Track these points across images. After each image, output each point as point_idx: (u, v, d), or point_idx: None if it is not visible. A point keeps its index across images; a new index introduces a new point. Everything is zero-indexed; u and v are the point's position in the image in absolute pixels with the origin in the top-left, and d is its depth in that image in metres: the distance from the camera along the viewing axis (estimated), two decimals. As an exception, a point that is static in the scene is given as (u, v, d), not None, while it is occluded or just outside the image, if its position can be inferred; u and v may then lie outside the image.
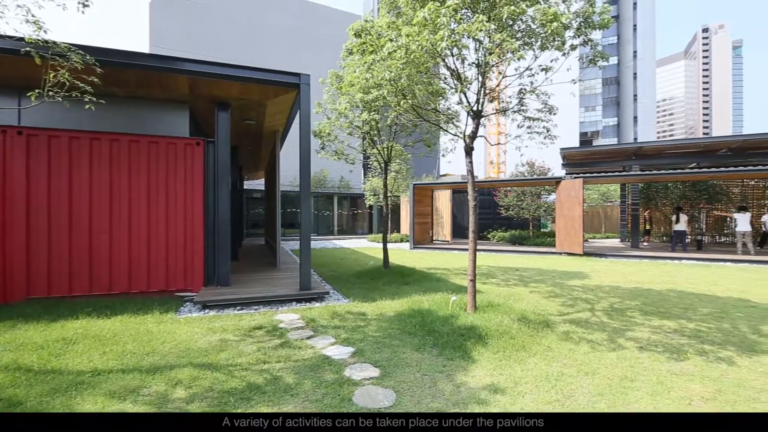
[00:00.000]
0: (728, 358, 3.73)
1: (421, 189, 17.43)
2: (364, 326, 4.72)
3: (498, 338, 4.06)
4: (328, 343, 4.13)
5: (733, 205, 15.40)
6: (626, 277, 8.53)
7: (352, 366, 3.49)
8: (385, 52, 4.40)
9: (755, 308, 5.71)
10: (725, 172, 13.19)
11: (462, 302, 5.19)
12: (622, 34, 62.17)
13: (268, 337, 4.31)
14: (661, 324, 4.87)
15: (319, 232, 24.24)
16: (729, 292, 6.86)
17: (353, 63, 5.94)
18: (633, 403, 2.83)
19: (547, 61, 4.81)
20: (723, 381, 3.21)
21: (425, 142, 8.64)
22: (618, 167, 16.44)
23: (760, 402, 2.85)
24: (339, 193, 25.50)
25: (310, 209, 6.42)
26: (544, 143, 5.77)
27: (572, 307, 5.80)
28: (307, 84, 6.25)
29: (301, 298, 6.09)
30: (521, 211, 18.24)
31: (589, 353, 3.84)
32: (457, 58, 4.79)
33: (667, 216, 16.58)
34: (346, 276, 8.63)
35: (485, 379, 3.22)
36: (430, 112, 5.81)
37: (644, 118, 62.08)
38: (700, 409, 2.74)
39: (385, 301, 6.01)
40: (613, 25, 52.90)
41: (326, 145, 8.71)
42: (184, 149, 6.34)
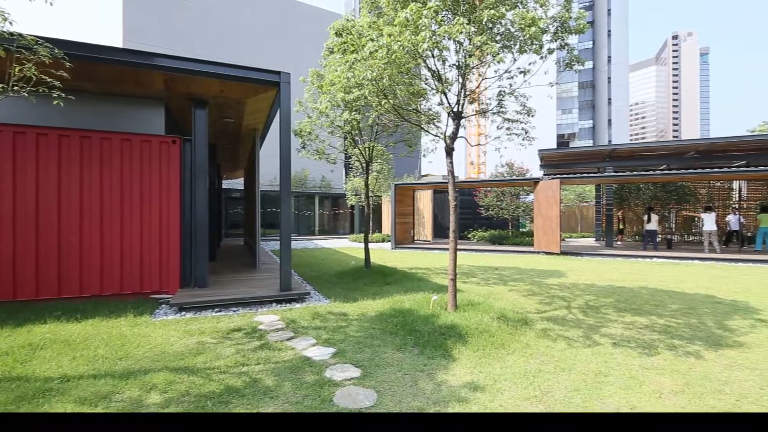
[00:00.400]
0: (696, 352, 3.89)
1: (402, 189, 17.50)
2: (345, 326, 4.70)
3: (478, 336, 4.11)
4: (309, 344, 4.09)
5: (700, 205, 16.08)
6: (601, 275, 8.79)
7: (333, 367, 3.47)
8: (366, 51, 4.39)
9: (720, 304, 5.97)
10: (693, 173, 13.78)
11: (443, 301, 5.23)
12: (597, 40, 64.03)
13: (247, 339, 4.24)
14: (633, 320, 5.04)
15: (300, 233, 24.01)
16: (696, 289, 7.16)
17: (334, 62, 5.91)
18: (607, 398, 2.92)
19: (526, 64, 4.90)
20: (691, 374, 3.35)
21: (406, 142, 8.68)
22: (593, 168, 16.94)
23: (725, 393, 2.99)
24: (320, 193, 25.32)
25: (290, 209, 6.35)
26: (522, 144, 5.88)
27: (550, 304, 5.93)
28: (288, 82, 6.18)
29: (281, 299, 6.02)
30: (501, 211, 18.55)
31: (565, 350, 3.94)
32: (438, 60, 4.83)
33: (639, 216, 17.16)
34: (327, 276, 8.58)
35: (465, 377, 3.26)
36: (412, 112, 5.84)
37: (618, 121, 64.14)
38: (670, 402, 2.85)
39: (367, 301, 6.00)
40: (589, 30, 54.26)
41: (307, 145, 8.63)
42: (160, 147, 6.16)
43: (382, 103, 5.15)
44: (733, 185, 16.25)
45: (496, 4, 4.25)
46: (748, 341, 4.21)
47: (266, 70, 6.16)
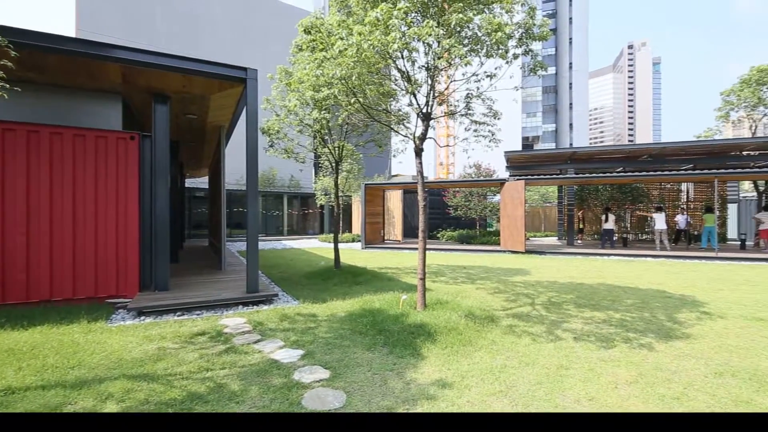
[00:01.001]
0: (648, 344, 4.13)
1: (372, 189, 17.51)
2: (314, 328, 4.65)
3: (446, 334, 4.17)
4: (277, 346, 4.01)
5: (652, 205, 17.10)
6: (562, 273, 9.16)
7: (302, 369, 3.42)
8: (335, 50, 4.36)
9: (670, 298, 6.37)
10: (646, 176, 14.64)
11: (412, 300, 5.27)
12: (560, 47, 66.74)
13: (211, 343, 4.10)
14: (592, 315, 5.29)
15: (268, 233, 23.50)
16: (649, 284, 7.60)
17: (303, 59, 5.82)
18: (568, 390, 3.04)
19: (492, 68, 5.03)
20: (644, 365, 3.55)
21: (376, 142, 8.69)
22: (555, 170, 17.65)
23: (674, 382, 3.19)
24: (289, 193, 24.90)
25: (257, 209, 6.20)
26: (489, 146, 6.03)
27: (515, 302, 6.12)
28: (255, 79, 6.03)
29: (248, 302, 5.86)
30: (469, 211, 18.95)
31: (529, 345, 4.07)
32: (407, 60, 4.87)
33: (598, 216, 18.03)
34: (296, 277, 8.44)
35: (434, 375, 3.30)
36: (381, 112, 5.85)
37: (578, 125, 67.14)
38: (625, 392, 3.01)
39: (336, 302, 5.96)
40: (552, 37, 56.49)
41: (275, 143, 8.46)
42: (117, 143, 5.85)
43: (352, 103, 5.12)
44: (681, 187, 17.41)
45: (464, 8, 4.33)
46: (695, 333, 4.52)
47: (232, 66, 5.99)
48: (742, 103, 16.01)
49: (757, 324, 4.87)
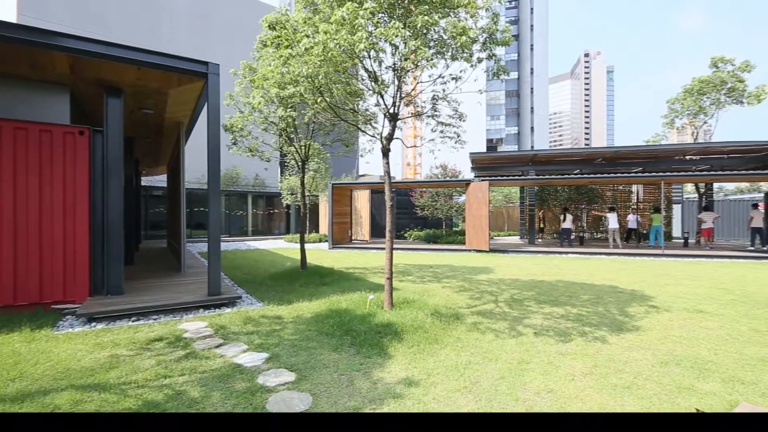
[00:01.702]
0: (602, 337, 4.36)
1: (339, 189, 17.40)
2: (279, 330, 4.55)
3: (413, 333, 4.21)
4: (240, 350, 3.89)
5: (606, 206, 18.09)
6: (524, 271, 9.49)
7: (266, 372, 3.34)
8: (301, 47, 4.29)
9: (622, 293, 6.76)
10: (600, 177, 15.45)
11: (379, 300, 5.28)
12: (522, 53, 69.15)
13: (169, 348, 3.92)
14: (551, 311, 5.52)
15: (231, 233, 22.79)
16: (603, 281, 8.03)
17: (268, 56, 5.68)
18: (528, 383, 3.15)
19: (458, 71, 5.14)
20: (598, 357, 3.74)
21: (344, 141, 8.64)
22: (518, 171, 18.27)
23: (625, 372, 3.38)
24: (253, 192, 24.24)
25: (219, 208, 5.99)
26: (455, 147, 6.15)
27: (479, 299, 6.27)
28: (217, 74, 5.82)
29: (209, 305, 5.65)
30: (435, 211, 19.24)
31: (493, 341, 4.19)
32: (374, 61, 4.87)
33: (557, 215, 18.85)
34: (260, 278, 8.24)
35: (401, 374, 3.32)
36: (349, 112, 5.82)
37: (539, 128, 69.88)
38: (581, 384, 3.16)
39: (303, 303, 5.87)
40: (514, 43, 58.06)
41: (238, 141, 8.21)
42: (64, 138, 5.46)
43: (318, 101, 5.06)
44: (632, 188, 18.53)
45: (429, 11, 4.39)
46: (643, 325, 4.82)
47: (192, 60, 5.75)
48: (685, 111, 17.26)
49: (697, 316, 5.27)
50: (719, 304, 5.90)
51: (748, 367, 3.51)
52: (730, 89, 15.89)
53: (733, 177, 14.91)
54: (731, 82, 15.78)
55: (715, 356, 3.77)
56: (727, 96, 16.07)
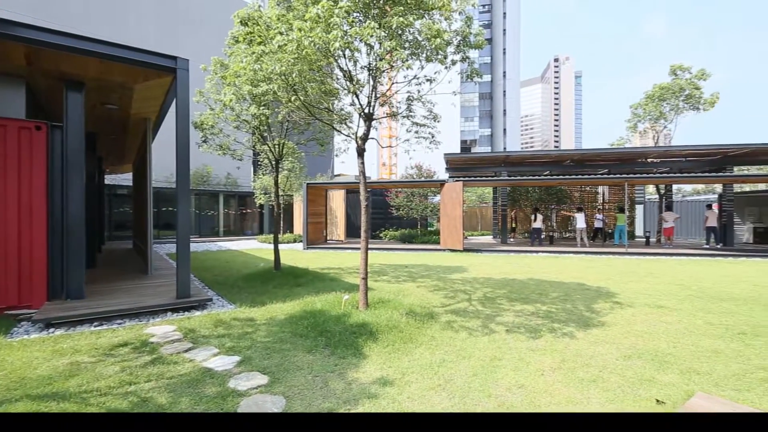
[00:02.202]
0: (570, 333, 4.51)
1: (314, 188, 17.23)
2: (252, 332, 4.46)
3: (388, 333, 4.22)
4: (210, 354, 3.79)
5: (574, 206, 18.75)
6: (497, 269, 9.70)
7: (238, 376, 3.26)
8: (275, 44, 4.22)
9: (589, 290, 7.02)
10: (569, 179, 16.00)
11: (354, 300, 5.27)
12: (495, 56, 70.68)
13: (135, 354, 3.76)
14: (522, 308, 5.66)
15: (202, 234, 22.13)
16: (571, 278, 8.31)
17: (240, 52, 5.54)
18: (500, 379, 3.22)
19: (432, 73, 5.19)
20: (566, 352, 3.87)
21: (318, 141, 8.55)
22: (491, 172, 18.66)
23: (591, 366, 3.51)
24: (225, 191, 23.62)
25: (188, 208, 5.80)
26: (429, 148, 6.20)
27: (453, 298, 6.36)
28: (186, 69, 5.64)
29: (178, 307, 5.47)
30: (411, 211, 19.37)
31: (466, 339, 4.25)
32: (349, 60, 4.84)
33: (528, 215, 19.37)
34: (232, 280, 8.04)
35: (376, 374, 3.32)
36: (323, 111, 5.77)
37: (511, 130, 71.62)
38: (550, 378, 3.26)
39: (276, 304, 5.77)
40: (487, 47, 59.28)
41: (209, 139, 7.98)
42: (19, 134, 5.15)
43: (293, 100, 4.99)
44: (598, 189, 19.29)
45: (405, 12, 4.41)
46: (608, 320, 5.02)
47: (160, 54, 5.54)
48: (647, 116, 18.10)
49: (658, 311, 5.54)
50: (677, 300, 6.23)
51: (703, 358, 3.72)
52: (687, 96, 16.80)
53: (691, 179, 15.79)
54: (689, 89, 16.69)
55: (674, 349, 3.98)
56: (685, 102, 16.99)
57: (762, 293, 6.71)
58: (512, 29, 70.92)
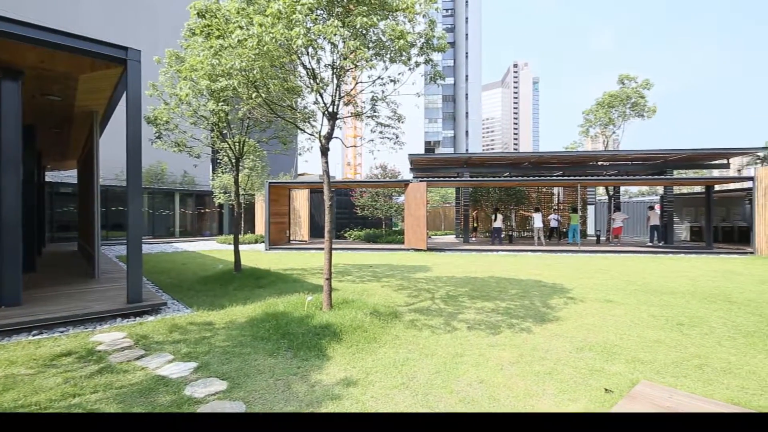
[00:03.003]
0: (528, 328, 4.70)
1: (277, 188, 16.85)
2: (210, 337, 4.29)
3: (352, 333, 4.20)
4: (165, 360, 3.60)
5: (532, 206, 19.55)
6: (459, 268, 9.93)
7: (195, 383, 3.12)
8: (234, 39, 4.08)
9: (545, 287, 7.35)
10: (527, 180, 16.66)
11: (318, 301, 5.20)
12: (457, 59, 72.31)
13: (80, 364, 3.51)
14: (483, 305, 5.83)
15: (156, 235, 21.02)
16: (529, 276, 8.66)
17: (197, 45, 5.31)
18: (461, 375, 3.30)
19: (396, 74, 5.23)
20: (524, 347, 4.03)
21: (281, 139, 8.36)
22: (454, 173, 19.07)
23: (547, 359, 3.68)
24: (182, 190, 22.57)
25: (140, 207, 5.50)
26: (394, 148, 6.25)
27: (417, 297, 6.44)
28: (138, 61, 5.33)
29: (129, 313, 5.16)
30: (375, 211, 19.40)
31: (429, 337, 4.32)
32: (313, 58, 4.78)
33: (489, 215, 19.98)
34: (189, 283, 7.70)
35: (339, 374, 3.30)
36: (286, 109, 5.65)
37: (473, 132, 73.57)
38: (509, 372, 3.37)
39: (236, 307, 5.59)
40: (450, 50, 60.49)
41: (164, 135, 7.59)
42: (-57, 125, 4.65)
43: (254, 96, 4.85)
44: (553, 191, 20.23)
45: (368, 12, 4.41)
46: (563, 315, 5.28)
47: (109, 44, 5.20)
48: (598, 121, 19.20)
49: (607, 305, 5.89)
50: (624, 294, 6.65)
51: (647, 348, 4.00)
52: (633, 104, 18.00)
53: (636, 181, 16.92)
54: (634, 97, 17.88)
55: (621, 340, 4.24)
56: (631, 110, 18.19)
57: (697, 287, 7.31)
58: (474, 34, 72.87)
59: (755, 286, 7.41)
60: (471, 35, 72.18)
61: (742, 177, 15.05)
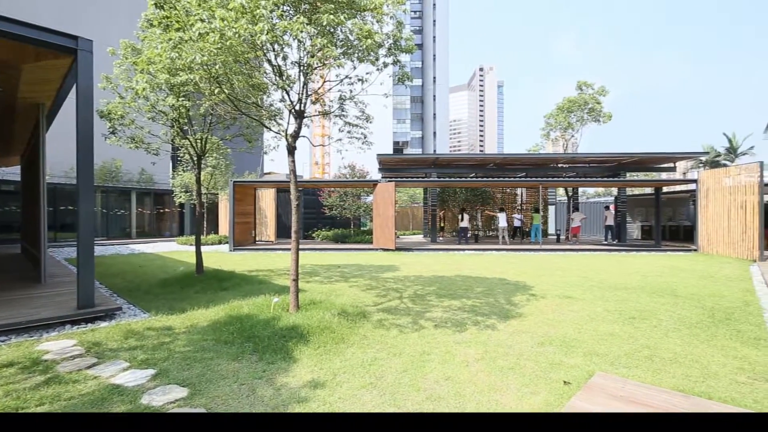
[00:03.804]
0: (492, 324, 4.83)
1: (242, 187, 16.39)
2: (169, 342, 4.10)
3: (319, 334, 4.16)
4: (119, 368, 3.41)
5: (497, 206, 20.12)
6: (427, 267, 10.06)
7: (153, 391, 2.98)
8: (195, 32, 3.92)
9: (509, 284, 7.58)
10: (492, 181, 17.12)
11: (285, 303, 5.11)
12: (425, 61, 73.22)
13: (23, 375, 3.26)
14: (450, 304, 5.93)
15: (111, 236, 19.87)
16: (494, 274, 8.91)
17: (155, 37, 5.06)
18: (428, 373, 3.34)
19: (364, 73, 5.22)
20: (489, 343, 4.14)
21: (246, 137, 8.13)
22: (422, 174, 19.29)
23: (510, 354, 3.79)
24: (139, 189, 21.46)
25: (92, 206, 5.18)
26: (362, 148, 6.23)
27: (385, 296, 6.46)
28: (90, 51, 5.01)
29: (79, 319, 4.85)
30: (344, 211, 19.30)
31: (397, 336, 4.34)
32: (278, 54, 4.68)
33: (456, 215, 20.37)
34: (146, 286, 7.33)
35: (306, 377, 3.25)
36: (251, 106, 5.50)
37: (441, 134, 74.75)
38: (474, 369, 3.45)
39: (198, 311, 5.38)
40: (418, 52, 61.01)
41: (118, 130, 7.19)
42: None
43: (216, 92, 4.69)
44: (517, 191, 20.92)
45: (336, 10, 4.37)
46: (525, 312, 5.46)
47: (57, 32, 4.86)
48: (558, 125, 20.07)
49: (566, 301, 6.15)
50: (582, 290, 6.98)
51: (602, 341, 4.21)
52: (590, 109, 18.94)
53: (593, 183, 17.81)
54: (591, 103, 18.83)
55: (579, 334, 4.45)
56: (588, 115, 19.13)
57: (647, 282, 7.79)
58: (441, 37, 74.04)
59: (697, 281, 7.99)
60: (438, 38, 73.31)
61: (687, 180, 16.20)
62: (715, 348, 4.03)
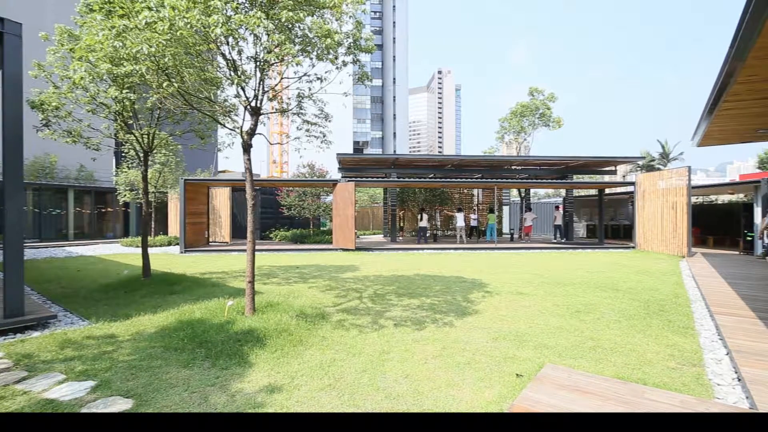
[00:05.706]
0: (450, 322, 4.94)
1: (194, 185, 15.63)
2: (112, 351, 3.83)
3: (276, 337, 4.06)
4: (54, 381, 3.14)
5: (455, 207, 20.64)
6: (387, 267, 10.12)
7: (92, 404, 2.77)
8: (141, 20, 3.69)
9: (465, 282, 7.80)
10: (450, 182, 17.55)
11: (240, 306, 4.93)
12: (385, 62, 73.66)
13: (-64, 394, 2.91)
14: (409, 302, 6.01)
15: (44, 238, 18.19)
16: (452, 272, 9.13)
17: (95, 23, 4.68)
18: (388, 372, 3.37)
19: (323, 72, 5.16)
20: (446, 340, 4.23)
21: (198, 133, 7.75)
22: (382, 174, 19.39)
23: (467, 350, 3.91)
24: (77, 187, 19.81)
25: (21, 205, 4.73)
26: (321, 147, 6.15)
27: (345, 297, 6.42)
28: (18, 36, 4.56)
29: (6, 329, 4.41)
30: (303, 211, 18.96)
31: (357, 336, 4.33)
32: (234, 48, 4.51)
33: (415, 215, 20.66)
34: (85, 292, 6.80)
35: (263, 381, 3.16)
36: (204, 101, 5.26)
37: (401, 134, 75.52)
38: (432, 365, 3.51)
39: (144, 317, 5.07)
40: (378, 52, 61.22)
41: (52, 123, 6.60)
42: None
43: (164, 86, 4.43)
44: (474, 192, 21.59)
45: (294, 6, 4.29)
46: (481, 308, 5.65)
47: (-22, 11, 4.38)
48: (512, 129, 20.96)
49: (519, 297, 6.43)
50: (533, 287, 7.33)
51: (551, 335, 4.45)
52: (541, 114, 19.95)
53: (543, 184, 18.75)
54: (542, 108, 19.83)
55: (530, 329, 4.67)
56: (539, 119, 20.13)
57: (592, 278, 8.32)
58: (401, 38, 74.83)
59: (635, 276, 8.65)
60: (398, 39, 74.02)
61: (627, 182, 17.49)
62: (650, 337, 4.38)
